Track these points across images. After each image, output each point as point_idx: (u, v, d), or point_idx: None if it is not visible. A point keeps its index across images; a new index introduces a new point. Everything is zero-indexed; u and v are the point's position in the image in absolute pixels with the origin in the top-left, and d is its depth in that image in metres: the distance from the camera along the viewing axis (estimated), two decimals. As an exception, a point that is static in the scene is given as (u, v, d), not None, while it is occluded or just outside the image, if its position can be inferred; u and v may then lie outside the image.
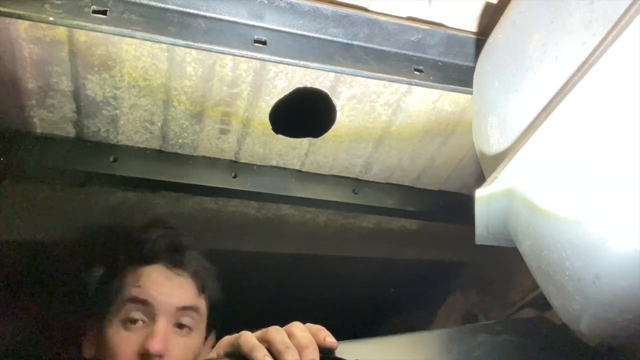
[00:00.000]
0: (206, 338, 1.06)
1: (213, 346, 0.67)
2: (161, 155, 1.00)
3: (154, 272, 0.99)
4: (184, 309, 0.97)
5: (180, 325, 0.97)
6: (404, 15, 0.88)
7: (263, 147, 1.01)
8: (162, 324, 0.94)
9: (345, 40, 0.86)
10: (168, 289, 0.97)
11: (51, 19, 0.70)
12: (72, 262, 1.14)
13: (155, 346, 0.90)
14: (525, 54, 0.69)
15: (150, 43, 0.79)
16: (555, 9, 0.65)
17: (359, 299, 1.56)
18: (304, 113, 0.97)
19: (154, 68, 0.84)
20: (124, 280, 0.99)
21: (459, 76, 0.91)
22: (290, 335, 0.61)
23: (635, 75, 0.53)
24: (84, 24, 0.71)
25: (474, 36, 0.91)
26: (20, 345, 1.19)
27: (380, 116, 0.98)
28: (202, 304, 1.02)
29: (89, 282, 1.04)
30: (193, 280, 1.01)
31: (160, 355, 0.90)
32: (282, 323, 0.64)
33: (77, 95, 0.86)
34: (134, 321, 0.95)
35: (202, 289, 1.02)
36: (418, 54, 0.90)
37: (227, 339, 0.63)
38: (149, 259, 1.00)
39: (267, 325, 0.63)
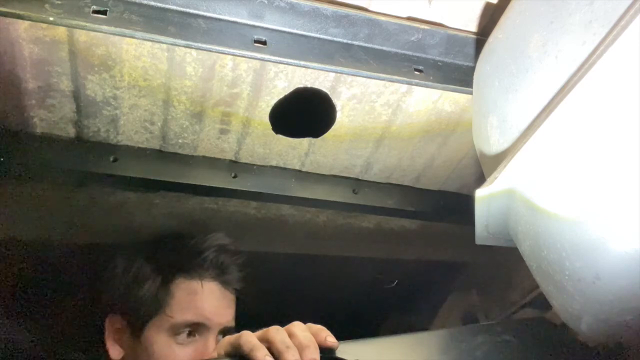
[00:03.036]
0: None
1: None
2: (161, 155, 1.00)
3: (208, 291, 1.00)
4: (227, 328, 1.01)
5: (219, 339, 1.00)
6: (404, 15, 0.88)
7: (263, 147, 1.01)
8: (213, 341, 0.97)
9: (345, 40, 0.86)
10: (221, 309, 1.00)
11: (51, 19, 0.70)
12: (73, 263, 1.14)
13: None
14: (525, 54, 0.69)
15: (150, 43, 0.79)
16: (555, 9, 0.65)
17: (359, 299, 1.56)
18: (304, 113, 0.97)
19: (154, 68, 0.84)
20: (174, 293, 0.99)
21: (459, 76, 0.91)
22: (290, 335, 0.61)
23: (635, 75, 0.53)
24: (84, 24, 0.71)
25: (474, 36, 0.91)
26: (24, 344, 1.19)
27: (380, 116, 0.98)
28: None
29: (115, 284, 1.03)
30: (235, 297, 1.05)
31: None
32: (283, 323, 0.64)
33: (77, 95, 0.86)
34: (186, 336, 0.97)
35: (236, 304, 1.06)
36: (418, 54, 0.90)
37: (227, 339, 0.63)
38: (203, 275, 1.01)
39: (268, 325, 0.63)
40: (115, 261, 1.06)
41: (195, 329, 0.97)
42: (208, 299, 0.99)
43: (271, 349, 0.59)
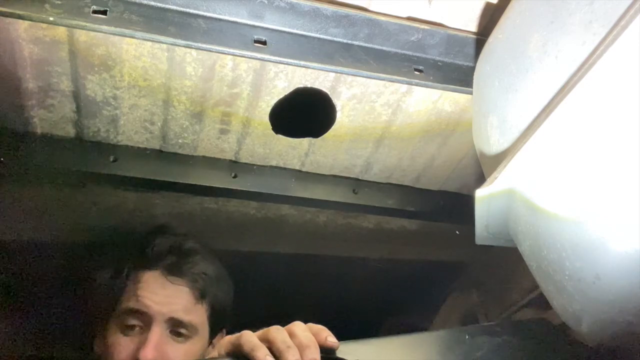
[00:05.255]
0: (213, 338, 1.06)
1: None
2: (161, 155, 1.00)
3: (151, 279, 0.99)
4: (176, 321, 0.97)
5: (177, 333, 0.98)
6: (404, 15, 0.88)
7: (263, 147, 1.01)
8: (156, 333, 0.94)
9: (345, 40, 0.86)
10: (162, 297, 0.97)
11: (51, 19, 0.70)
12: (73, 263, 1.14)
13: (146, 355, 0.91)
14: (525, 54, 0.69)
15: (150, 43, 0.79)
16: (555, 9, 0.65)
17: (359, 299, 1.56)
18: (304, 113, 0.97)
19: (154, 68, 0.84)
20: (126, 284, 0.99)
21: (459, 76, 0.91)
22: (291, 335, 0.61)
23: (635, 75, 0.53)
24: (84, 24, 0.71)
25: (474, 36, 0.91)
26: (23, 344, 1.19)
27: (380, 116, 0.98)
28: (198, 314, 1.01)
29: (96, 283, 1.04)
30: (190, 289, 1.01)
31: None
32: (283, 323, 0.64)
33: (77, 95, 0.86)
34: (131, 327, 0.96)
35: (200, 296, 1.02)
36: (418, 54, 0.90)
37: (228, 339, 0.63)
38: (149, 265, 1.00)
39: (268, 325, 0.63)
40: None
41: (139, 318, 0.96)
42: (149, 287, 0.98)
43: (272, 349, 0.59)
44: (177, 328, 0.97)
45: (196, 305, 1.01)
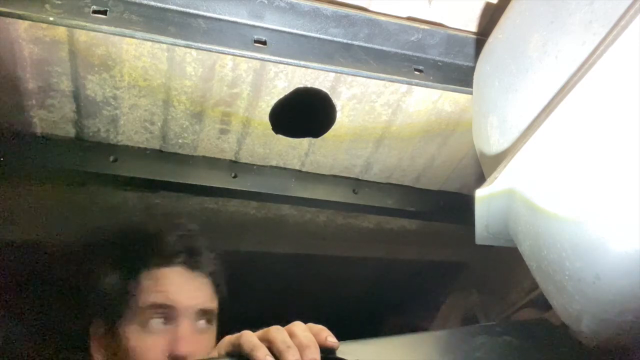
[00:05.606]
0: None
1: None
2: (161, 155, 1.00)
3: (174, 274, 0.98)
4: (204, 311, 0.97)
5: (203, 322, 0.98)
6: (404, 15, 0.88)
7: (263, 147, 1.01)
8: (186, 327, 0.94)
9: (345, 40, 0.86)
10: (190, 291, 0.97)
11: (51, 19, 0.70)
12: (73, 263, 1.14)
13: (182, 349, 0.90)
14: (525, 54, 0.69)
15: (150, 43, 0.79)
16: (555, 9, 0.65)
17: (359, 299, 1.56)
18: (304, 113, 0.97)
19: (154, 68, 0.84)
20: (141, 283, 0.97)
21: (459, 76, 0.91)
22: (291, 335, 0.61)
23: (635, 75, 0.53)
24: (84, 24, 0.71)
25: (474, 36, 0.91)
26: (21, 345, 1.19)
27: (380, 116, 0.98)
28: (215, 305, 1.02)
29: (96, 285, 1.03)
30: (210, 281, 1.02)
31: (185, 357, 0.90)
32: (283, 323, 0.64)
33: (77, 95, 0.86)
34: (157, 323, 0.94)
35: (217, 289, 1.03)
36: (418, 54, 0.90)
37: (228, 339, 0.63)
38: (167, 261, 0.99)
39: (268, 325, 0.63)
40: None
41: (163, 314, 0.94)
42: (173, 282, 0.97)
43: (272, 349, 0.59)
44: (203, 317, 0.98)
45: (214, 298, 1.02)
